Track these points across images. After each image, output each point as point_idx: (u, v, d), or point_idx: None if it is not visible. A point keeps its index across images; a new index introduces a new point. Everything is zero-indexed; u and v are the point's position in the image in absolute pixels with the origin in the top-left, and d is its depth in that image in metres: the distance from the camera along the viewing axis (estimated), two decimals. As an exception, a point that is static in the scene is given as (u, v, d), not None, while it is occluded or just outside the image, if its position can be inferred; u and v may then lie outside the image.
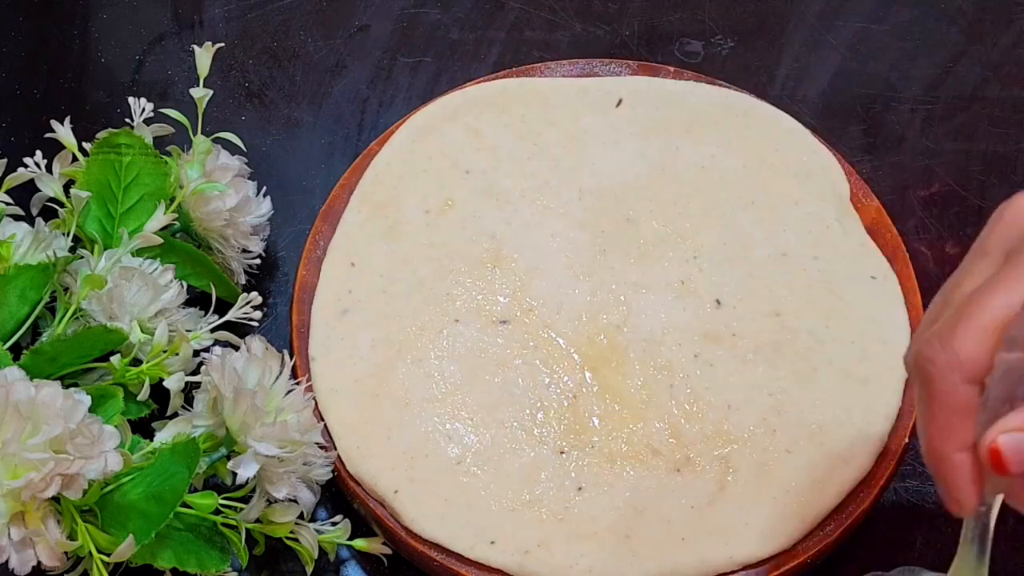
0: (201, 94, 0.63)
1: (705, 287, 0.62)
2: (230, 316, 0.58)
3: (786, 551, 0.54)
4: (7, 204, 0.61)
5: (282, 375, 0.53)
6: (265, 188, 0.65)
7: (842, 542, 0.56)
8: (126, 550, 0.48)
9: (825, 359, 0.59)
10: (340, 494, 0.58)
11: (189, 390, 0.57)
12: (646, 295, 0.61)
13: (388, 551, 0.56)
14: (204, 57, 0.63)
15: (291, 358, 0.55)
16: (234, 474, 0.52)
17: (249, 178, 0.64)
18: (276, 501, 0.53)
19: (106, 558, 0.49)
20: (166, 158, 0.62)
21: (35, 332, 0.58)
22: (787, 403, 0.58)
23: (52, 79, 0.77)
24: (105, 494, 0.51)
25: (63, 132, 0.62)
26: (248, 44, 0.79)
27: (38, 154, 0.61)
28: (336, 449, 0.57)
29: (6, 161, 0.61)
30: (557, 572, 0.53)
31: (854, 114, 0.73)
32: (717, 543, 0.54)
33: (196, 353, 0.58)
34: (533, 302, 0.61)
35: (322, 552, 0.55)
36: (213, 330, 0.59)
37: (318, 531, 0.55)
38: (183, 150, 0.63)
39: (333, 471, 0.56)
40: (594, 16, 0.79)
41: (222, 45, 0.65)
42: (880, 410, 0.57)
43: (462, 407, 0.58)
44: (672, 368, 0.59)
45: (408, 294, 0.62)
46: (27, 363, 0.53)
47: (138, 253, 0.58)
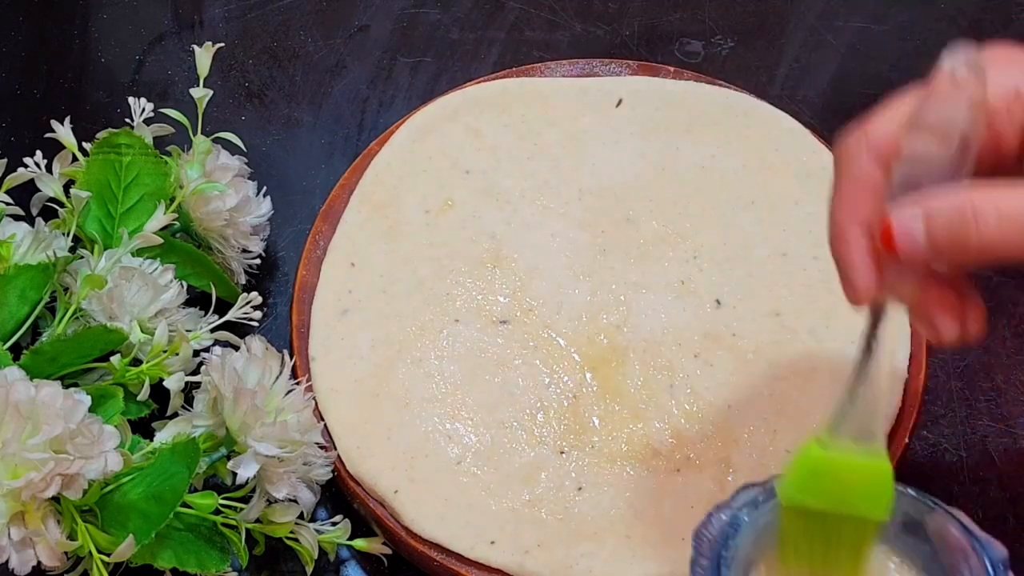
0: (201, 94, 0.63)
1: (705, 287, 0.62)
2: (230, 316, 0.58)
3: (786, 551, 0.54)
4: (7, 204, 0.61)
5: (282, 375, 0.53)
6: (265, 188, 0.65)
7: (842, 542, 0.56)
8: (126, 550, 0.48)
9: (825, 359, 0.59)
10: (340, 494, 0.58)
11: (189, 390, 0.57)
12: (646, 295, 0.61)
13: (388, 551, 0.56)
14: (204, 57, 0.63)
15: (291, 358, 0.55)
16: (234, 474, 0.52)
17: (249, 178, 0.64)
18: (276, 501, 0.53)
19: (106, 558, 0.49)
20: (166, 158, 0.62)
21: (35, 332, 0.58)
22: (787, 403, 0.58)
23: (52, 79, 0.77)
24: (105, 494, 0.51)
25: (63, 132, 0.62)
26: (248, 44, 0.79)
27: (38, 154, 0.61)
28: (336, 449, 0.57)
29: (6, 161, 0.61)
30: (557, 572, 0.53)
31: (854, 114, 0.73)
32: (717, 543, 0.54)
33: (196, 353, 0.58)
34: (533, 302, 0.61)
35: (322, 552, 0.55)
36: (213, 330, 0.59)
37: (318, 531, 0.55)
38: (183, 150, 0.63)
39: (333, 471, 0.56)
40: (594, 16, 0.79)
41: (222, 45, 0.65)
42: (880, 410, 0.57)
43: (462, 407, 0.58)
44: (672, 368, 0.59)
45: (408, 294, 0.62)
46: (27, 363, 0.53)
47: (138, 253, 0.58)
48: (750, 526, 0.46)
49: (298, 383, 0.54)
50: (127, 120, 0.63)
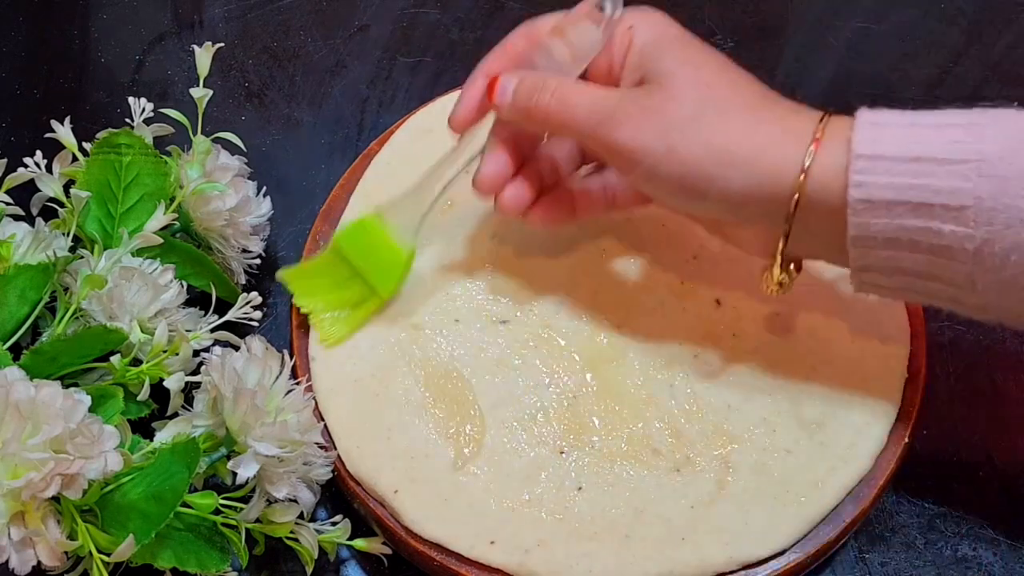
0: (201, 94, 0.63)
1: (705, 287, 0.62)
2: (230, 316, 0.58)
3: (786, 551, 0.54)
4: (7, 204, 0.61)
5: (282, 375, 0.53)
6: (265, 188, 0.65)
7: (842, 542, 0.56)
8: (126, 550, 0.48)
9: (825, 359, 0.59)
10: (340, 494, 0.58)
11: (189, 390, 0.57)
12: (646, 295, 0.61)
13: (388, 551, 0.56)
14: (204, 57, 0.63)
15: (291, 358, 0.55)
16: (234, 474, 0.52)
17: (249, 178, 0.64)
18: (276, 501, 0.53)
19: (106, 558, 0.49)
20: (166, 158, 0.62)
21: (35, 332, 0.58)
22: (787, 403, 0.58)
23: (52, 79, 0.77)
24: (105, 494, 0.51)
25: (63, 132, 0.62)
26: (248, 44, 0.79)
27: (38, 154, 0.61)
28: (336, 449, 0.57)
29: (6, 161, 0.61)
30: (557, 572, 0.53)
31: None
32: (717, 543, 0.54)
33: (196, 353, 0.58)
34: (533, 302, 0.61)
35: (322, 552, 0.55)
36: (213, 330, 0.59)
37: (318, 531, 0.55)
38: (183, 150, 0.63)
39: (333, 471, 0.56)
40: (594, 16, 0.79)
41: (222, 45, 0.65)
42: (880, 410, 0.57)
43: (462, 407, 0.58)
44: (672, 368, 0.59)
45: (408, 294, 0.62)
46: (27, 363, 0.53)
47: (138, 253, 0.58)
48: None
49: (298, 383, 0.54)
50: (127, 120, 0.63)
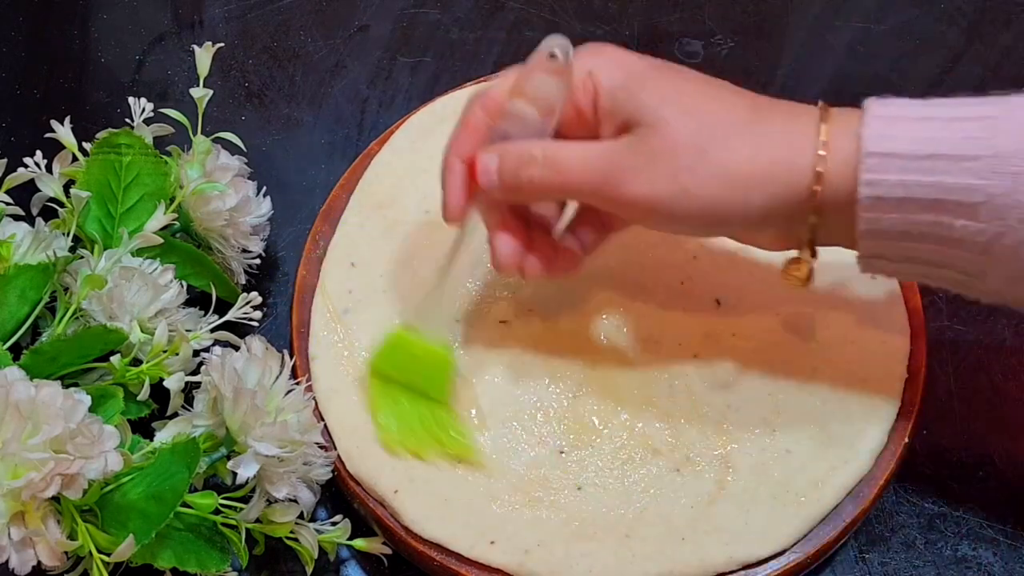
0: (201, 94, 0.63)
1: (705, 287, 0.62)
2: (230, 316, 0.58)
3: (786, 551, 0.54)
4: (7, 204, 0.61)
5: (282, 375, 0.53)
6: (265, 188, 0.65)
7: (842, 542, 0.56)
8: (126, 550, 0.48)
9: (825, 359, 0.59)
10: (340, 494, 0.58)
11: (189, 390, 0.57)
12: (646, 295, 0.61)
13: (388, 551, 0.56)
14: (204, 57, 0.63)
15: (291, 358, 0.55)
16: (234, 474, 0.52)
17: (249, 178, 0.64)
18: (276, 501, 0.53)
19: (106, 558, 0.49)
20: (166, 158, 0.62)
21: (35, 332, 0.58)
22: (787, 403, 0.58)
23: (52, 79, 0.77)
24: (105, 494, 0.51)
25: (63, 132, 0.62)
26: (248, 44, 0.79)
27: (38, 154, 0.61)
28: (336, 449, 0.57)
29: (6, 161, 0.61)
30: (557, 572, 0.53)
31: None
32: (717, 543, 0.54)
33: (196, 353, 0.58)
34: (533, 302, 0.61)
35: (322, 552, 0.55)
36: (213, 330, 0.59)
37: (318, 531, 0.55)
38: (183, 150, 0.63)
39: (333, 471, 0.56)
40: (594, 16, 0.79)
41: (222, 45, 0.65)
42: (880, 410, 0.57)
43: (462, 407, 0.58)
44: (672, 368, 0.59)
45: (408, 294, 0.62)
46: (27, 363, 0.53)
47: (138, 253, 0.58)
48: None
49: (298, 383, 0.54)
50: (127, 120, 0.63)
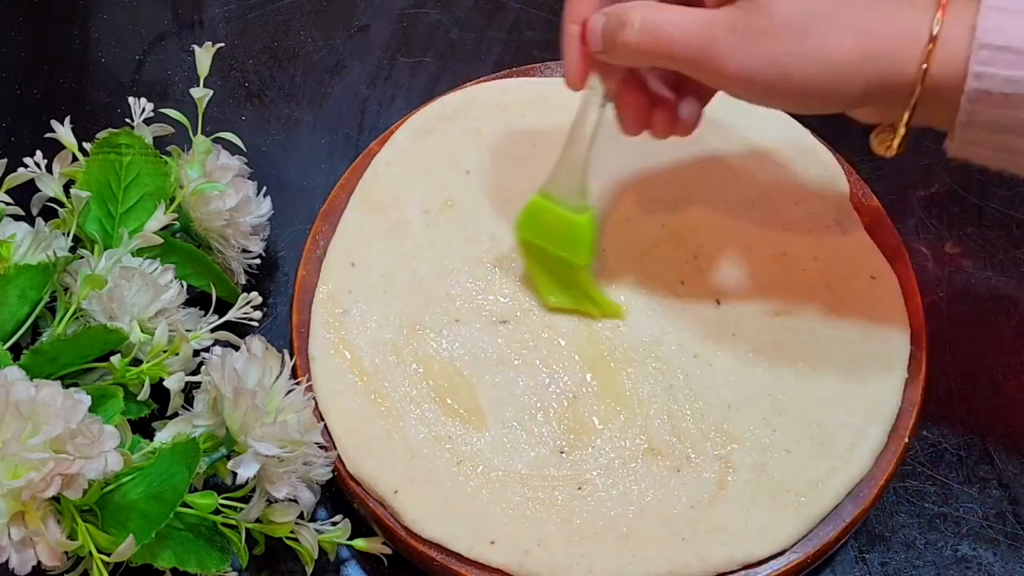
0: (201, 94, 0.63)
1: (705, 287, 0.62)
2: (230, 316, 0.58)
3: (786, 551, 0.54)
4: (7, 204, 0.61)
5: (282, 375, 0.53)
6: (265, 188, 0.65)
7: (842, 542, 0.56)
8: (126, 550, 0.48)
9: (825, 359, 0.59)
10: (340, 494, 0.58)
11: (189, 390, 0.57)
12: (646, 295, 0.61)
13: (388, 551, 0.56)
14: (204, 57, 0.63)
15: (291, 358, 0.55)
16: (234, 474, 0.52)
17: (249, 178, 0.64)
18: (276, 501, 0.53)
19: (106, 558, 0.49)
20: (166, 158, 0.62)
21: (35, 332, 0.58)
22: (787, 403, 0.58)
23: (52, 79, 0.77)
24: (105, 494, 0.51)
25: (63, 132, 0.62)
26: (248, 44, 0.79)
27: (38, 154, 0.61)
28: (336, 449, 0.57)
29: (6, 161, 0.61)
30: (557, 572, 0.53)
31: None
32: (717, 543, 0.54)
33: (196, 353, 0.58)
34: (533, 302, 0.61)
35: (322, 552, 0.55)
36: (213, 330, 0.59)
37: (318, 531, 0.55)
38: (183, 150, 0.63)
39: (333, 471, 0.56)
40: (594, 16, 0.79)
41: (222, 45, 0.65)
42: (880, 410, 0.57)
43: (462, 407, 0.58)
44: (672, 368, 0.59)
45: (408, 294, 0.62)
46: (27, 363, 0.53)
47: (138, 253, 0.58)
48: None
49: (298, 383, 0.54)
50: (127, 120, 0.63)
